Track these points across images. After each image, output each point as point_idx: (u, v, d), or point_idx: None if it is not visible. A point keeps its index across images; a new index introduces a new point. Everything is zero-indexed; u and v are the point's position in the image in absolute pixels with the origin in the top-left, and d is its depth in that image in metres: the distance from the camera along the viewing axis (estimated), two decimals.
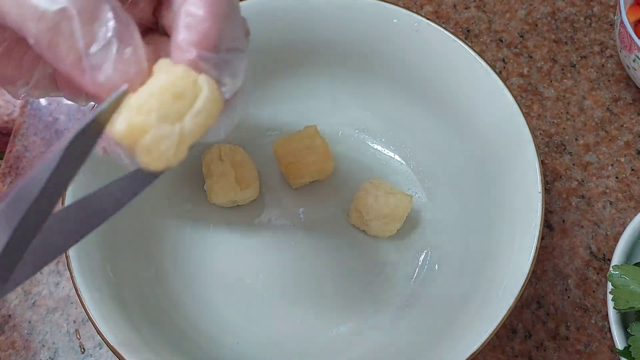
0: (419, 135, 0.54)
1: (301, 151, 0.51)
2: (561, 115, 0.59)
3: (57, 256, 0.27)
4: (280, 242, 0.52)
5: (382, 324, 0.48)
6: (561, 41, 0.63)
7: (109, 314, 0.39)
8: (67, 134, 0.23)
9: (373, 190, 0.49)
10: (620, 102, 0.60)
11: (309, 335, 0.48)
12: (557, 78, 0.61)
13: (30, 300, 0.52)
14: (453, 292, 0.46)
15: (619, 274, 0.45)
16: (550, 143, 0.58)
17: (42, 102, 0.63)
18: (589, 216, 0.54)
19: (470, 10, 0.66)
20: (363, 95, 0.56)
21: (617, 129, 0.58)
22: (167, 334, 0.43)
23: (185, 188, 0.53)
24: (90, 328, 0.50)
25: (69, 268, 0.40)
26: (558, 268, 0.52)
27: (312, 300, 0.49)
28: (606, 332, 0.49)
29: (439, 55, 0.49)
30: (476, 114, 0.48)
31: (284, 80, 0.56)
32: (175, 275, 0.49)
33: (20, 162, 0.59)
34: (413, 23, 0.49)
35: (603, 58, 0.62)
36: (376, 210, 0.48)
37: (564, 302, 0.51)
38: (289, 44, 0.53)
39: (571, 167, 0.56)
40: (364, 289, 0.50)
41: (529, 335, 0.49)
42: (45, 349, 0.50)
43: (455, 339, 0.40)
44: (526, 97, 0.60)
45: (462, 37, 0.55)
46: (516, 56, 0.63)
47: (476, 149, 0.49)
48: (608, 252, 0.52)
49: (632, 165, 0.56)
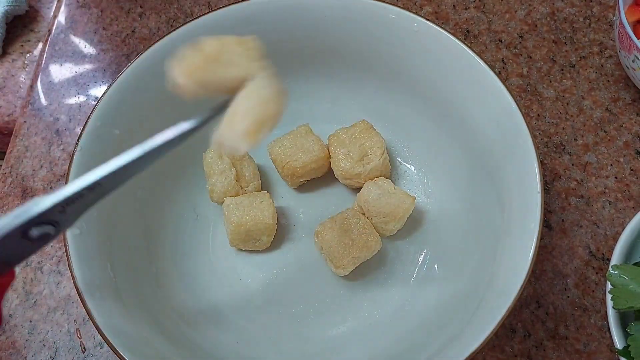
0: (418, 135, 0.54)
1: (296, 151, 0.51)
2: (560, 116, 0.59)
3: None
4: (280, 241, 0.52)
5: (382, 324, 0.48)
6: (560, 41, 0.63)
7: (109, 314, 0.40)
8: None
9: (376, 189, 0.49)
10: (619, 102, 0.60)
11: (309, 335, 0.48)
12: (557, 78, 0.61)
13: (31, 299, 0.52)
14: (452, 292, 0.46)
15: (618, 273, 0.45)
16: (549, 143, 0.58)
17: (43, 102, 0.63)
18: (588, 216, 0.54)
19: (469, 10, 0.66)
20: (363, 95, 0.56)
21: (616, 129, 0.58)
22: (167, 333, 0.43)
23: (186, 188, 0.53)
24: (91, 327, 0.50)
25: (70, 268, 0.40)
26: (557, 268, 0.52)
27: (312, 300, 0.49)
28: (605, 332, 0.49)
29: (439, 56, 0.49)
30: (476, 114, 0.48)
31: (284, 80, 0.56)
32: (175, 275, 0.50)
33: (20, 162, 0.59)
34: (412, 23, 0.49)
35: (602, 58, 0.62)
36: (377, 209, 0.48)
37: (563, 302, 0.51)
38: (288, 44, 0.53)
39: (570, 167, 0.57)
40: (363, 289, 0.50)
41: (528, 334, 0.50)
42: (46, 348, 0.50)
43: (455, 338, 0.40)
44: (525, 97, 0.60)
45: (461, 38, 0.55)
46: (515, 56, 0.63)
47: (476, 149, 0.49)
48: (607, 252, 0.53)
49: (631, 165, 0.56)
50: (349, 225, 0.48)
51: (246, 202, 0.49)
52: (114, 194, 0.46)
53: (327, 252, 0.48)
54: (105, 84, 0.64)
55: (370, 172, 0.50)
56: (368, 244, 0.48)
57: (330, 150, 0.52)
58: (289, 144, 0.51)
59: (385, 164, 0.51)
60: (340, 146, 0.51)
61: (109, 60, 0.66)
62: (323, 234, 0.48)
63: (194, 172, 0.53)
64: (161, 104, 0.50)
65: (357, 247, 0.47)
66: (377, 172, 0.51)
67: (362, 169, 0.50)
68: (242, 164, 0.51)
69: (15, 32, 0.72)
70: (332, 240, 0.48)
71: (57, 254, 0.54)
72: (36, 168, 0.59)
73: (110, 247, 0.44)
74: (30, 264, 0.54)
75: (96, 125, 0.46)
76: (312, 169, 0.51)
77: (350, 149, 0.51)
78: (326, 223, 0.49)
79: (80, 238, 0.42)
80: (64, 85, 0.64)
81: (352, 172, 0.50)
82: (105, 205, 0.45)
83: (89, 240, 0.42)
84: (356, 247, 0.47)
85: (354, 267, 0.48)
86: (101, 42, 0.67)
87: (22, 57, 0.69)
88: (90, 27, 0.68)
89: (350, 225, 0.48)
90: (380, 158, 0.50)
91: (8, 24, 0.70)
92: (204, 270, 0.51)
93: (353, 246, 0.47)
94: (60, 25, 0.69)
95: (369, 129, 0.51)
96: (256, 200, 0.49)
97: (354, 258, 0.47)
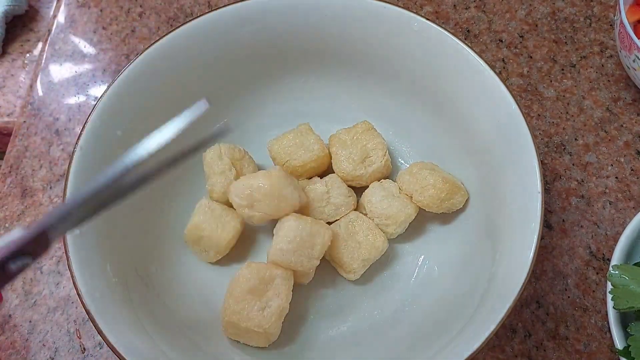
0: (418, 135, 0.54)
1: (296, 149, 0.51)
2: (561, 115, 0.59)
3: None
4: None
5: (382, 324, 0.48)
6: (561, 41, 0.63)
7: (109, 314, 0.40)
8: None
9: (380, 191, 0.49)
10: (619, 102, 0.60)
11: (309, 335, 0.48)
12: (557, 78, 0.61)
13: (31, 300, 0.52)
14: (453, 292, 0.46)
15: (619, 273, 0.45)
16: (550, 143, 0.58)
17: (42, 102, 0.63)
18: (589, 216, 0.54)
19: (470, 10, 0.66)
20: (363, 95, 0.56)
21: (617, 129, 0.58)
22: (167, 333, 0.43)
23: (186, 187, 0.53)
24: (91, 327, 0.50)
25: (70, 268, 0.40)
26: (558, 268, 0.52)
27: (312, 299, 0.49)
28: (606, 332, 0.49)
29: (439, 56, 0.49)
30: (476, 114, 0.48)
31: (284, 80, 0.56)
32: (175, 275, 0.49)
33: (20, 162, 0.59)
34: (413, 23, 0.49)
35: (603, 58, 0.62)
36: (379, 210, 0.48)
37: (563, 302, 0.51)
38: (289, 44, 0.53)
39: (571, 167, 0.57)
40: (364, 289, 0.50)
41: (529, 335, 0.49)
42: (46, 348, 0.50)
43: (455, 339, 0.40)
44: (526, 97, 0.60)
45: (462, 38, 0.55)
46: (516, 56, 0.63)
47: (476, 148, 0.49)
48: (607, 252, 0.53)
49: (632, 165, 0.56)
50: (353, 228, 0.48)
51: (218, 211, 0.48)
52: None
53: (335, 258, 0.48)
54: (105, 83, 0.64)
55: (372, 174, 0.50)
56: (375, 244, 0.48)
57: (332, 151, 0.51)
58: (289, 142, 0.51)
59: (387, 165, 0.51)
60: (341, 147, 0.51)
61: (109, 60, 0.66)
62: None
63: (194, 172, 0.53)
64: (161, 104, 0.50)
65: (365, 249, 0.47)
66: (378, 173, 0.51)
67: (364, 171, 0.50)
68: (242, 164, 0.51)
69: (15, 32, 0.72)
70: (339, 246, 0.48)
71: (57, 254, 0.54)
72: (36, 168, 0.59)
73: (110, 247, 0.44)
74: None
75: (96, 125, 0.45)
76: (311, 167, 0.51)
77: (351, 150, 0.50)
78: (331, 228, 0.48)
79: (80, 238, 0.42)
80: (63, 85, 0.64)
81: (354, 174, 0.50)
82: None
83: (89, 240, 0.42)
84: (364, 249, 0.47)
85: (364, 270, 0.48)
86: (101, 41, 0.67)
87: (22, 56, 0.69)
88: (89, 27, 0.68)
89: (355, 228, 0.48)
90: (382, 160, 0.50)
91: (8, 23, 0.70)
92: (203, 269, 0.50)
93: (361, 249, 0.47)
94: (59, 24, 0.69)
95: (371, 130, 0.51)
96: (227, 216, 0.48)
97: (363, 261, 0.47)
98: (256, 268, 0.44)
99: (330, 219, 0.50)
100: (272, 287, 0.44)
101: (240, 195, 0.46)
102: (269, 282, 0.44)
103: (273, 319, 0.43)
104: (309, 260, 0.45)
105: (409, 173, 0.50)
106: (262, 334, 0.43)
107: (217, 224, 0.48)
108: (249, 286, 0.44)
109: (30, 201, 0.57)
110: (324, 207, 0.49)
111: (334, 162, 0.51)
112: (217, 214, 0.48)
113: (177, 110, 0.56)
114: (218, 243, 0.48)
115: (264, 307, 0.43)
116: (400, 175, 0.51)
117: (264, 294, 0.44)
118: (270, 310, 0.43)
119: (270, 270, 0.44)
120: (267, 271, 0.44)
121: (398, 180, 0.51)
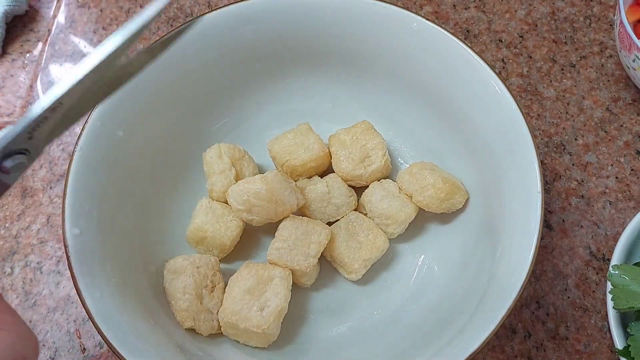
0: (418, 135, 0.54)
1: (295, 149, 0.51)
2: (561, 115, 0.59)
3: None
4: None
5: (382, 324, 0.48)
6: (561, 41, 0.63)
7: (109, 314, 0.39)
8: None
9: (380, 190, 0.49)
10: (619, 102, 0.60)
11: (309, 335, 0.48)
12: (557, 78, 0.61)
13: (31, 300, 0.52)
14: (452, 292, 0.46)
15: (619, 273, 0.45)
16: (549, 143, 0.58)
17: None
18: (589, 216, 0.54)
19: (469, 10, 0.66)
20: (363, 95, 0.56)
21: (617, 129, 0.58)
22: (167, 333, 0.43)
23: (186, 187, 0.53)
24: (91, 327, 0.50)
25: (70, 268, 0.40)
26: (558, 268, 0.52)
27: (312, 299, 0.49)
28: (606, 332, 0.49)
29: (439, 56, 0.49)
30: (476, 114, 0.48)
31: (284, 80, 0.56)
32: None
33: None
34: (412, 23, 0.49)
35: (602, 58, 0.62)
36: (379, 210, 0.48)
37: (563, 302, 0.51)
38: (289, 44, 0.53)
39: (571, 167, 0.57)
40: (363, 289, 0.50)
41: (529, 335, 0.49)
42: (46, 348, 0.50)
43: (454, 339, 0.40)
44: (526, 97, 0.60)
45: (461, 38, 0.55)
46: (516, 56, 0.63)
47: (476, 148, 0.49)
48: (607, 252, 0.53)
49: (632, 165, 0.56)
50: (354, 229, 0.48)
51: (219, 211, 0.49)
52: (114, 194, 0.46)
53: (337, 259, 0.48)
54: None
55: (371, 174, 0.50)
56: (376, 244, 0.48)
57: (332, 151, 0.51)
58: (289, 142, 0.51)
59: (387, 165, 0.51)
60: (341, 147, 0.51)
61: None
62: (329, 242, 0.48)
63: (194, 171, 0.53)
64: (161, 104, 0.50)
65: (366, 249, 0.47)
66: (378, 173, 0.51)
67: (364, 170, 0.50)
68: (242, 164, 0.51)
69: (15, 32, 0.72)
70: (340, 246, 0.48)
71: (56, 254, 0.54)
72: (35, 168, 0.59)
73: (110, 247, 0.44)
74: (30, 264, 0.54)
75: (96, 125, 0.45)
76: (311, 167, 0.51)
77: (351, 150, 0.50)
78: (331, 229, 0.49)
79: (80, 238, 0.42)
80: None
81: (354, 174, 0.50)
82: (105, 205, 0.45)
83: (89, 240, 0.42)
84: (365, 249, 0.47)
85: (365, 270, 0.48)
86: (101, 41, 0.67)
87: (22, 56, 0.69)
88: (89, 27, 0.68)
89: (355, 229, 0.48)
90: (382, 160, 0.50)
91: (8, 23, 0.70)
92: None
93: (362, 249, 0.47)
94: (59, 25, 0.69)
95: (370, 130, 0.51)
96: (229, 215, 0.49)
97: (364, 261, 0.47)
98: (254, 268, 0.45)
99: (331, 219, 0.50)
100: (270, 287, 0.44)
101: (238, 201, 0.46)
102: (267, 282, 0.44)
103: (272, 319, 0.43)
104: (305, 258, 0.45)
105: (408, 173, 0.50)
106: (261, 334, 0.43)
107: (219, 223, 0.48)
108: (248, 286, 0.44)
109: (30, 201, 0.57)
110: (325, 207, 0.49)
111: (333, 162, 0.51)
112: (219, 213, 0.48)
113: (177, 110, 0.56)
114: (222, 242, 0.48)
115: (262, 307, 0.43)
116: (400, 175, 0.51)
117: (263, 294, 0.44)
118: (269, 310, 0.43)
119: (268, 270, 0.45)
120: (265, 271, 0.45)
121: (398, 180, 0.51)
